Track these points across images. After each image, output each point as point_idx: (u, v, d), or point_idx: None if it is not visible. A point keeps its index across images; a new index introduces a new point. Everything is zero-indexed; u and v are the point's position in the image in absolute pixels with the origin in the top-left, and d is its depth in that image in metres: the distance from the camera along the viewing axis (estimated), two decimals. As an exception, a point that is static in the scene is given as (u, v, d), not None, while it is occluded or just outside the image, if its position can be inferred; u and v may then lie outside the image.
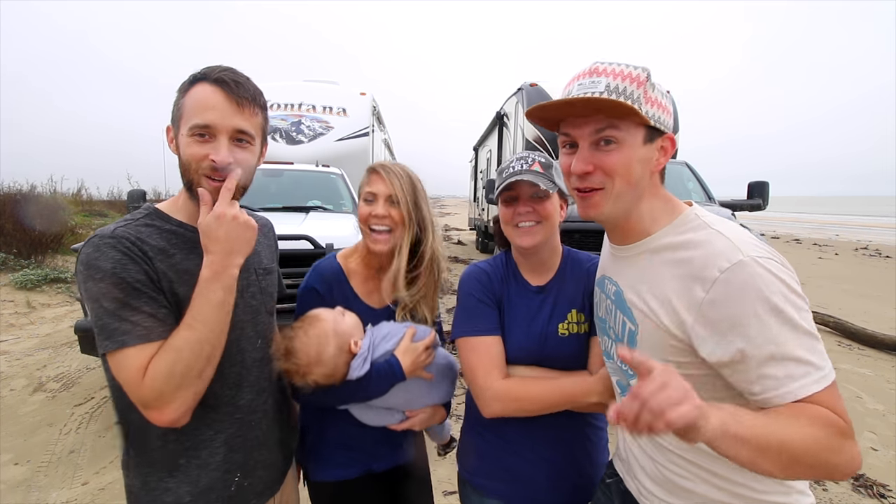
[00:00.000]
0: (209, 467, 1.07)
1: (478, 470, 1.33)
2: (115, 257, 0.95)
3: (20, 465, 2.99)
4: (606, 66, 0.91)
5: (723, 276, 0.81)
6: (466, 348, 1.24)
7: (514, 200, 1.22)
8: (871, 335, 5.69)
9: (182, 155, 1.04)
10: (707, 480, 0.93)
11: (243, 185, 1.08)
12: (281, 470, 1.27)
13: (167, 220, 1.08)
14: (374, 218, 1.33)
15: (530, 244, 1.21)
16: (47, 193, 11.96)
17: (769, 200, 5.67)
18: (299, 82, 8.19)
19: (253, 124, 1.08)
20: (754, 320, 0.78)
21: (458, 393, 4.05)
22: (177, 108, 1.05)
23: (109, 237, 0.97)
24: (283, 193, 4.89)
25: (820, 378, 0.77)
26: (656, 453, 1.01)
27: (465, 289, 1.30)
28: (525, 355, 1.24)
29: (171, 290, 1.01)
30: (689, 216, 0.94)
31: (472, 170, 16.80)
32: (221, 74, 1.04)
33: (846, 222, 37.95)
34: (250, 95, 1.06)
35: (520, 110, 8.27)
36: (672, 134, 0.97)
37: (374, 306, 1.40)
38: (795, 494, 0.91)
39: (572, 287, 1.28)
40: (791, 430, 0.73)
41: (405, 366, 1.26)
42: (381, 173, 1.35)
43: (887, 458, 3.19)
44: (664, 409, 0.65)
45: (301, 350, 1.18)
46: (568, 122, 0.95)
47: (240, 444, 1.12)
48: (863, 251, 16.15)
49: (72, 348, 5.12)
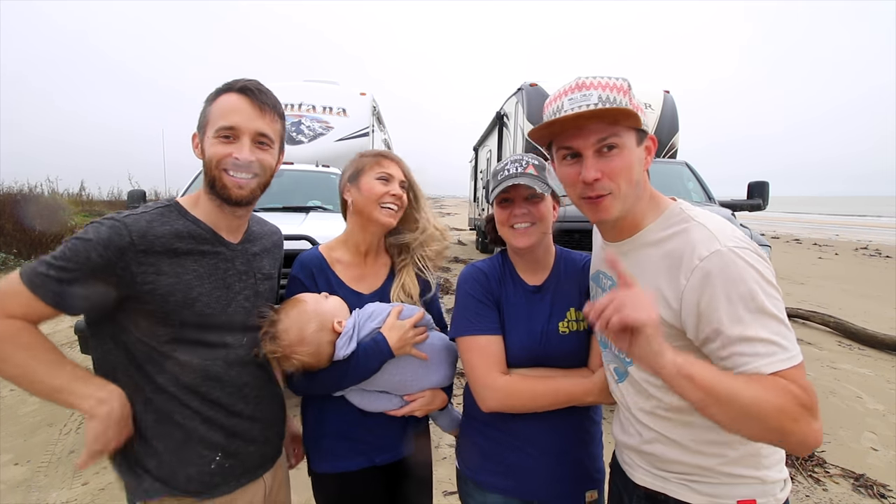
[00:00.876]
0: (187, 447, 1.12)
1: (478, 466, 1.35)
2: (100, 235, 1.02)
3: (20, 465, 2.99)
4: (592, 80, 0.98)
5: (701, 265, 0.89)
6: (466, 347, 1.27)
7: (509, 202, 1.26)
8: (871, 335, 5.69)
9: (206, 155, 1.14)
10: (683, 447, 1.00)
11: (263, 184, 1.20)
12: (267, 456, 1.29)
13: (184, 215, 1.15)
14: (390, 196, 1.40)
15: (526, 244, 1.24)
16: (47, 193, 11.97)
17: (769, 200, 5.67)
18: (299, 82, 8.18)
19: (273, 129, 1.18)
20: (727, 304, 0.85)
21: (457, 393, 4.05)
22: (203, 115, 1.16)
23: (112, 220, 1.06)
24: (283, 193, 4.88)
25: (786, 358, 0.83)
26: (640, 428, 1.08)
27: (464, 289, 1.33)
28: (528, 355, 1.26)
29: (142, 281, 1.05)
30: (675, 210, 1.02)
31: (472, 170, 16.81)
32: (247, 84, 1.15)
33: (846, 222, 37.97)
34: (272, 103, 1.18)
35: (520, 110, 8.26)
36: (653, 135, 1.06)
37: (362, 292, 1.42)
38: (764, 470, 0.97)
39: (569, 286, 1.31)
40: (744, 387, 0.80)
41: (392, 342, 1.29)
42: (392, 159, 1.45)
43: (887, 458, 3.19)
44: (625, 306, 0.78)
45: (283, 331, 1.21)
46: (567, 136, 1.00)
47: (218, 427, 1.16)
48: (863, 251, 16.15)
49: (72, 348, 5.12)
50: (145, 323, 1.08)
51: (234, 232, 1.23)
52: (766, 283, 0.87)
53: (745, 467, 0.97)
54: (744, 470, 0.97)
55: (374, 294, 1.43)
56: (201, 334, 1.13)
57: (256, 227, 1.36)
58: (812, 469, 3.02)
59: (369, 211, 1.39)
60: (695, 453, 0.99)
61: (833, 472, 3.00)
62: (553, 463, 1.27)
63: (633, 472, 1.12)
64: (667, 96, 7.76)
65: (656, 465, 1.05)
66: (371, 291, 1.43)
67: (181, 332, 1.10)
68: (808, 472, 2.98)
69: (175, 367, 1.10)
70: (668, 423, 1.02)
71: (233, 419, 1.18)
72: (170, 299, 1.08)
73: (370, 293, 1.43)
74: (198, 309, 1.11)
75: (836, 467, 3.04)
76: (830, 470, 3.02)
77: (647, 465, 1.08)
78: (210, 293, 1.14)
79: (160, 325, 1.09)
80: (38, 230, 8.48)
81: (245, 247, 1.26)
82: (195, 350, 1.12)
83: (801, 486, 2.86)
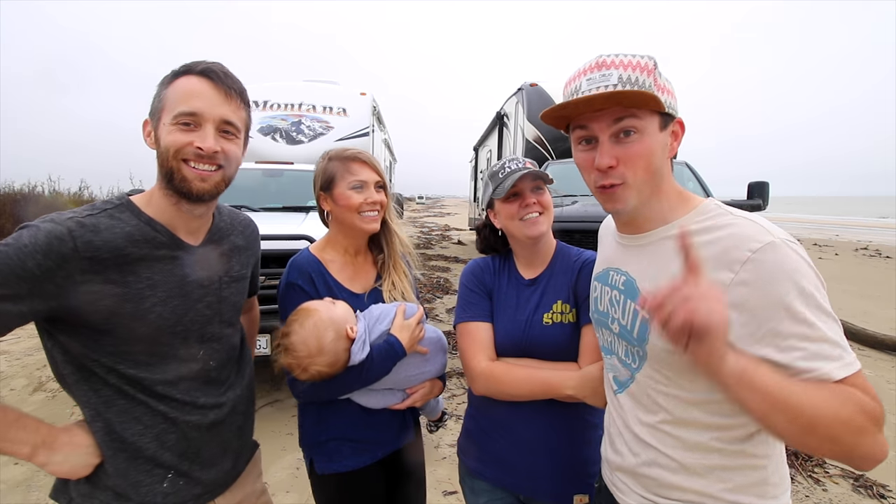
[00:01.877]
0: (137, 462, 1.03)
1: (467, 451, 1.42)
2: (38, 240, 0.87)
3: (20, 465, 2.98)
4: (614, 59, 0.90)
5: (754, 256, 0.78)
6: (459, 333, 1.37)
7: (517, 196, 1.29)
8: (871, 335, 5.68)
9: (162, 144, 1.00)
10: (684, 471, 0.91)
11: (228, 178, 1.07)
12: (228, 474, 1.20)
13: (137, 215, 1.02)
14: (368, 205, 1.38)
15: (538, 233, 1.29)
16: (48, 193, 11.96)
17: (769, 200, 5.67)
18: (299, 82, 8.19)
19: (239, 117, 1.06)
20: (788, 301, 0.76)
21: (458, 393, 4.07)
22: (158, 99, 1.02)
23: (52, 222, 0.91)
24: (283, 193, 4.89)
25: (851, 362, 0.75)
26: (639, 447, 0.99)
27: (462, 280, 1.42)
28: (510, 342, 1.30)
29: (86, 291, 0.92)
30: (710, 206, 0.93)
31: (472, 170, 16.80)
32: (210, 65, 1.02)
33: (846, 222, 37.94)
34: (238, 89, 1.05)
35: (520, 110, 8.26)
36: (681, 118, 0.96)
37: (357, 292, 1.42)
38: (771, 500, 0.88)
39: (560, 279, 1.34)
40: (813, 396, 0.70)
41: (404, 342, 1.30)
42: (363, 160, 1.42)
43: (887, 458, 3.19)
44: (692, 301, 0.67)
45: (299, 343, 1.18)
46: (583, 117, 0.93)
47: (172, 442, 1.06)
48: (863, 251, 16.14)
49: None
50: (88, 333, 0.96)
51: (193, 233, 1.10)
52: (819, 282, 0.78)
53: (752, 496, 0.88)
54: (750, 499, 0.88)
55: (370, 294, 1.44)
56: (152, 347, 1.02)
57: (224, 221, 1.21)
58: (812, 469, 3.02)
59: (350, 221, 1.39)
60: (698, 477, 0.90)
61: (833, 472, 3.00)
62: (540, 459, 1.28)
63: (623, 497, 1.03)
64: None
65: (653, 489, 0.96)
66: (365, 291, 1.44)
67: (129, 345, 0.99)
68: (807, 472, 2.98)
69: (121, 381, 1.00)
70: (673, 440, 0.92)
71: (188, 435, 1.08)
72: (119, 311, 0.95)
73: (365, 293, 1.43)
74: (150, 320, 0.99)
75: (836, 467, 3.04)
76: (830, 470, 3.02)
77: (642, 489, 0.98)
78: (164, 303, 1.01)
79: (106, 336, 0.97)
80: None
81: (206, 249, 1.12)
82: (144, 364, 1.01)
83: (801, 486, 2.86)
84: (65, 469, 0.99)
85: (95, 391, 1.00)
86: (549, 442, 1.28)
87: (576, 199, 5.15)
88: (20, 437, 0.93)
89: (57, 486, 1.06)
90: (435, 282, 8.60)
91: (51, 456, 0.97)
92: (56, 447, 0.97)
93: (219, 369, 1.15)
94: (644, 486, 0.98)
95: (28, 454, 0.94)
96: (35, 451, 0.95)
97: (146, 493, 1.04)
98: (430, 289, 8.01)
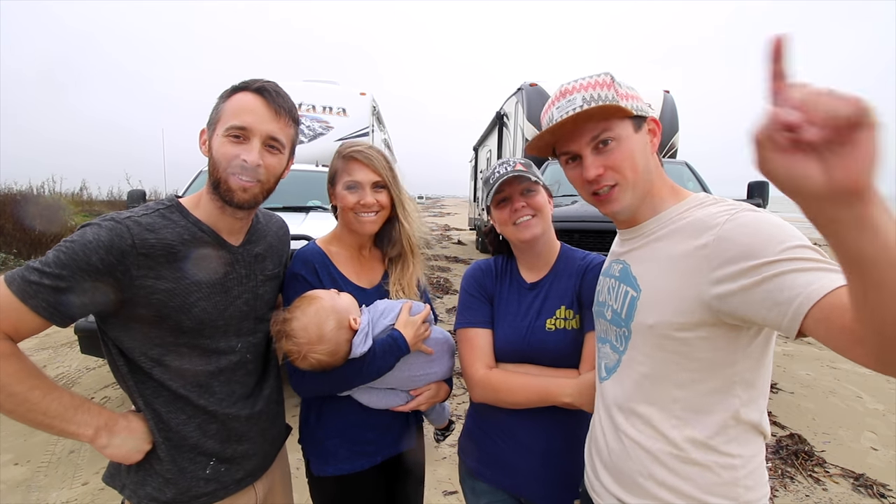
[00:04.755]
0: (182, 449, 1.11)
1: (470, 452, 1.40)
2: (101, 237, 0.97)
3: (20, 465, 2.99)
4: (573, 84, 1.00)
5: (727, 218, 0.84)
6: (459, 339, 1.35)
7: (507, 201, 1.28)
8: (871, 335, 5.68)
9: (214, 154, 1.10)
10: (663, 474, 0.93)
11: (267, 190, 1.16)
12: (266, 458, 1.29)
13: (186, 216, 1.12)
14: (361, 206, 1.35)
15: (531, 236, 1.27)
16: (48, 193, 11.96)
17: (769, 200, 5.67)
18: (299, 82, 8.18)
19: (286, 134, 1.15)
20: (768, 240, 0.76)
21: (458, 392, 4.06)
22: (215, 111, 1.12)
23: (113, 220, 1.01)
24: (283, 193, 4.85)
25: None
26: (616, 435, 1.02)
27: (463, 285, 1.40)
28: (512, 349, 1.29)
29: (141, 285, 1.01)
30: (699, 196, 0.99)
31: (472, 170, 16.82)
32: (264, 84, 1.12)
33: (846, 222, 37.83)
34: (287, 107, 1.14)
35: (520, 110, 8.27)
36: (654, 116, 1.04)
37: (363, 286, 1.41)
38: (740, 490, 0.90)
39: (564, 283, 1.32)
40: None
41: (408, 338, 1.29)
42: (361, 160, 1.37)
43: (887, 458, 3.19)
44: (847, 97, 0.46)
45: (300, 329, 1.17)
46: (563, 142, 1.02)
47: (213, 431, 1.14)
48: (863, 251, 16.14)
49: (72, 348, 5.12)
50: (138, 327, 1.05)
51: (235, 234, 1.20)
52: (800, 232, 0.77)
53: (719, 497, 0.89)
54: (717, 500, 0.89)
55: (375, 289, 1.42)
56: (195, 340, 1.10)
57: (261, 223, 1.31)
58: (812, 469, 3.02)
59: (348, 219, 1.39)
60: (668, 471, 0.92)
61: (833, 471, 3.00)
62: (538, 463, 1.27)
63: (600, 499, 1.06)
64: (667, 96, 7.78)
65: (627, 486, 0.99)
66: (372, 286, 1.42)
67: (175, 337, 1.08)
68: (808, 472, 2.98)
69: (165, 374, 1.08)
70: (649, 429, 0.95)
71: (228, 425, 1.16)
72: (168, 304, 1.04)
73: (371, 288, 1.42)
74: (195, 314, 1.08)
75: (836, 467, 3.04)
76: (830, 470, 3.02)
77: (617, 487, 1.01)
78: (208, 298, 1.10)
79: (154, 329, 1.06)
80: (38, 230, 8.49)
81: (246, 249, 1.22)
82: (188, 356, 1.10)
83: (801, 486, 2.86)
84: (122, 452, 1.07)
85: (144, 383, 1.09)
86: (549, 447, 1.27)
87: (575, 199, 5.15)
88: (85, 420, 1.02)
89: (111, 471, 1.15)
90: (435, 282, 8.60)
91: (111, 439, 1.05)
92: (116, 430, 1.05)
93: (254, 361, 1.23)
94: (619, 483, 1.01)
95: (91, 436, 1.02)
96: (98, 433, 1.03)
97: (191, 478, 1.12)
98: (430, 288, 8.02)
